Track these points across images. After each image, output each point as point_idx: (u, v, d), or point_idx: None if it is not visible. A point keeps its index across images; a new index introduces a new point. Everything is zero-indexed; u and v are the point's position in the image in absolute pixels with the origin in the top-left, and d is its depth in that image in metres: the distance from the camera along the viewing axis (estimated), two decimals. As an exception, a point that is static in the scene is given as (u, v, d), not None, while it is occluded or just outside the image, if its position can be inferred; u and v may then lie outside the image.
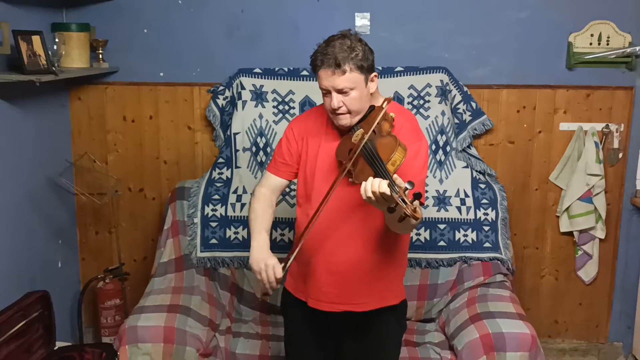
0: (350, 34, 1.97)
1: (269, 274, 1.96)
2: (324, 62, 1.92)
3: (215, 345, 2.73)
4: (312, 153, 2.10)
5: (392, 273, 2.14)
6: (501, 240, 3.07)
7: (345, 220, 2.04)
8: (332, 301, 2.09)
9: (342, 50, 1.91)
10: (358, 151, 1.89)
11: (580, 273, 3.38)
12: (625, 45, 3.17)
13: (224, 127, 3.24)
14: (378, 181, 1.74)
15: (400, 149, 1.85)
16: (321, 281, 2.09)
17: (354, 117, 2.00)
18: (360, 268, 2.06)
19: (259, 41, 3.22)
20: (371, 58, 1.98)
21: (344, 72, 1.91)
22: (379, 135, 1.92)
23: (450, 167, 3.16)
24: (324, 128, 2.11)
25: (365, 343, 2.15)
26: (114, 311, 3.28)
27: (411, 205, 1.68)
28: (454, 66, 3.19)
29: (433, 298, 3.01)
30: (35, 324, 2.45)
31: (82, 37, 3.04)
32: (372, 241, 2.05)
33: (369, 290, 2.09)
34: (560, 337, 3.49)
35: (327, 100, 1.98)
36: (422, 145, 2.02)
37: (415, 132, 2.06)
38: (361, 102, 1.98)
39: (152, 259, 3.22)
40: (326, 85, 1.95)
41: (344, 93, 1.94)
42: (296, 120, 2.22)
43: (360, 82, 1.95)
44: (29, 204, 2.93)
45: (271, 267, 1.97)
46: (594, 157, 3.19)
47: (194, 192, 3.15)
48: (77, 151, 3.35)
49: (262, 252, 2.03)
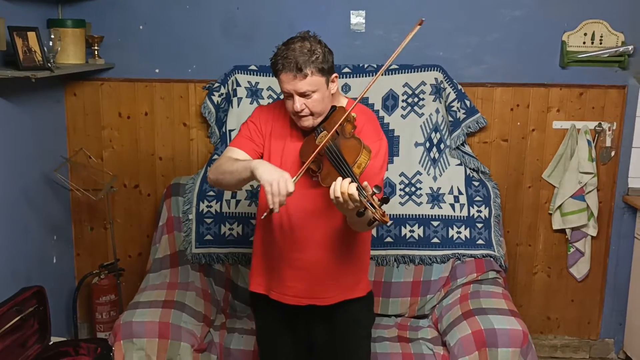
0: (309, 35, 1.99)
1: (281, 186, 1.83)
2: (285, 66, 1.93)
3: (209, 341, 2.74)
4: (276, 153, 2.11)
5: (355, 268, 2.18)
6: (494, 238, 3.09)
7: (309, 219, 2.07)
8: (297, 295, 2.13)
9: (302, 53, 1.93)
10: (318, 149, 1.91)
11: (572, 270, 3.41)
12: (618, 44, 3.19)
13: (220, 124, 3.25)
14: (347, 182, 1.77)
15: (365, 151, 1.89)
16: (285, 276, 2.12)
17: (317, 119, 2.03)
18: (324, 265, 2.10)
19: (255, 38, 3.23)
20: (331, 59, 2.00)
21: (305, 75, 1.93)
22: (343, 136, 1.96)
23: (444, 164, 3.18)
24: (288, 129, 2.12)
25: (336, 335, 2.18)
26: (108, 307, 3.29)
27: (380, 210, 1.73)
28: (449, 64, 3.20)
29: (426, 294, 3.03)
30: (30, 319, 2.45)
31: (77, 34, 3.05)
32: (336, 238, 2.09)
33: (333, 285, 2.13)
34: (552, 334, 3.52)
35: (289, 103, 2.01)
36: (382, 144, 2.07)
37: (376, 131, 2.10)
38: (323, 104, 2.01)
39: (147, 255, 3.24)
40: (288, 89, 1.97)
41: (306, 96, 1.97)
42: (263, 110, 2.19)
43: (322, 85, 1.98)
44: (24, 199, 2.93)
45: (283, 180, 1.83)
46: (586, 155, 3.22)
47: (189, 188, 3.16)
48: (73, 147, 3.35)
49: (272, 166, 1.92)
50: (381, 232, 3.07)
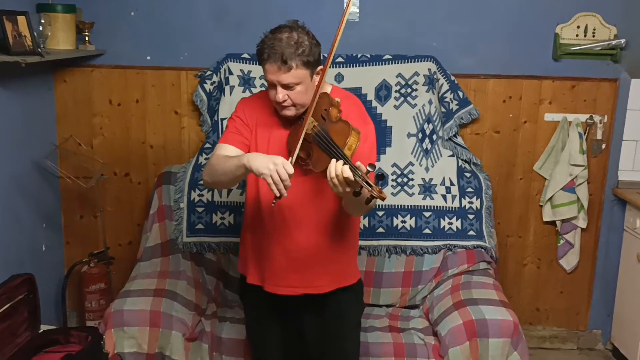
0: (297, 25, 1.97)
1: (281, 171, 1.82)
2: (270, 56, 1.91)
3: (201, 330, 2.74)
4: (262, 143, 2.09)
5: (346, 254, 2.19)
6: (485, 229, 3.11)
7: (300, 207, 2.07)
8: (291, 285, 2.13)
9: (289, 45, 1.91)
10: (304, 136, 1.92)
11: (561, 262, 3.44)
12: (610, 37, 3.21)
13: (211, 112, 3.23)
14: (340, 164, 1.77)
15: (354, 132, 1.89)
16: (279, 266, 2.12)
17: (299, 109, 2.02)
18: (316, 252, 2.11)
19: (248, 26, 3.21)
20: (317, 52, 1.98)
21: (289, 68, 1.92)
22: (329, 121, 1.96)
23: (436, 155, 3.18)
24: (272, 118, 2.10)
25: (325, 324, 2.19)
26: (98, 295, 3.27)
27: (376, 187, 1.74)
28: (442, 55, 3.20)
29: (417, 285, 3.05)
30: (21, 307, 2.43)
31: (68, 19, 3.01)
32: (326, 226, 2.10)
33: (325, 272, 2.14)
34: (541, 325, 3.55)
35: (272, 92, 2.00)
36: (370, 128, 2.06)
37: (362, 116, 2.09)
38: (306, 96, 1.99)
39: (137, 243, 3.22)
40: (272, 79, 1.96)
41: (290, 88, 1.96)
42: (246, 105, 2.17)
43: (306, 77, 1.97)
44: (13, 186, 2.90)
45: (281, 165, 1.83)
46: (577, 148, 3.23)
47: (181, 177, 3.14)
48: (63, 134, 3.31)
49: (264, 156, 1.92)
50: (373, 222, 3.07)
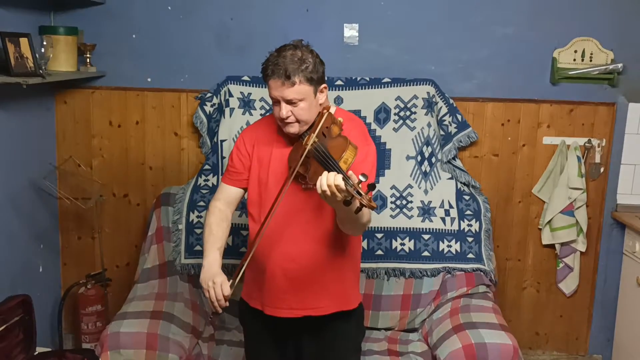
0: (302, 44, 2.01)
1: (217, 291, 1.97)
2: (274, 72, 1.95)
3: (198, 353, 2.71)
4: (264, 161, 2.13)
5: (346, 276, 2.18)
6: (484, 252, 3.10)
7: (298, 225, 2.07)
8: (291, 307, 2.12)
9: (292, 61, 1.94)
10: (305, 152, 1.93)
11: (561, 285, 3.42)
12: (607, 62, 3.24)
13: (211, 134, 3.24)
14: (333, 174, 1.78)
15: (351, 147, 1.91)
16: (278, 288, 2.11)
17: (303, 126, 2.04)
18: (315, 271, 2.10)
19: (248, 49, 3.23)
20: (321, 70, 2.01)
21: (293, 83, 1.95)
22: (329, 137, 1.97)
23: (435, 178, 3.19)
24: (275, 136, 2.14)
25: (325, 349, 2.17)
26: (95, 317, 3.25)
27: (366, 196, 1.74)
28: (441, 79, 3.22)
29: (416, 308, 3.03)
30: (16, 329, 2.42)
31: (69, 41, 3.03)
32: (325, 245, 2.09)
33: (325, 293, 2.13)
34: (541, 349, 3.52)
35: (276, 109, 2.02)
36: (371, 149, 2.08)
37: (364, 136, 2.11)
38: (310, 113, 2.01)
39: (134, 265, 3.20)
40: (275, 95, 1.98)
41: (293, 104, 1.98)
42: (247, 131, 2.24)
43: (310, 94, 1.99)
44: (11, 206, 2.89)
45: (219, 285, 1.97)
46: (576, 171, 3.24)
47: (179, 198, 3.14)
48: (62, 155, 3.32)
49: (211, 270, 2.04)
50: (372, 244, 3.07)
